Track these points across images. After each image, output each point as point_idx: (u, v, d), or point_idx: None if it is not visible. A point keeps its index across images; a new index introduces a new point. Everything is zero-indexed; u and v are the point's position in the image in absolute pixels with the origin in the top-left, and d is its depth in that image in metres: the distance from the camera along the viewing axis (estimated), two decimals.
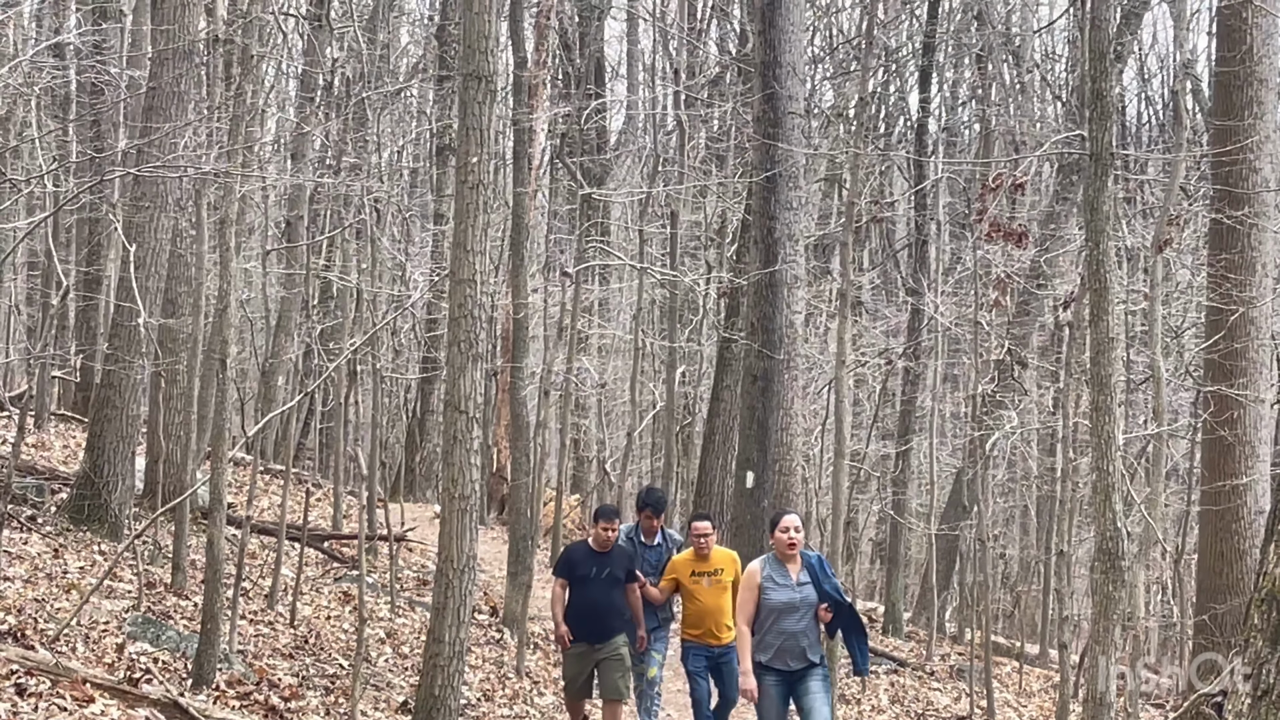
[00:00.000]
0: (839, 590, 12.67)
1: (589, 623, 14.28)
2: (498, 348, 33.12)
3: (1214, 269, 21.73)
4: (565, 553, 15.17)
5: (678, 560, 14.96)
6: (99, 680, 10.37)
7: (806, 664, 12.47)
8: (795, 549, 12.63)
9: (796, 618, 12.47)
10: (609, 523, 14.57)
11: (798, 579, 12.58)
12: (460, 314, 12.02)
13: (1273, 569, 6.30)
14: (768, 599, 12.50)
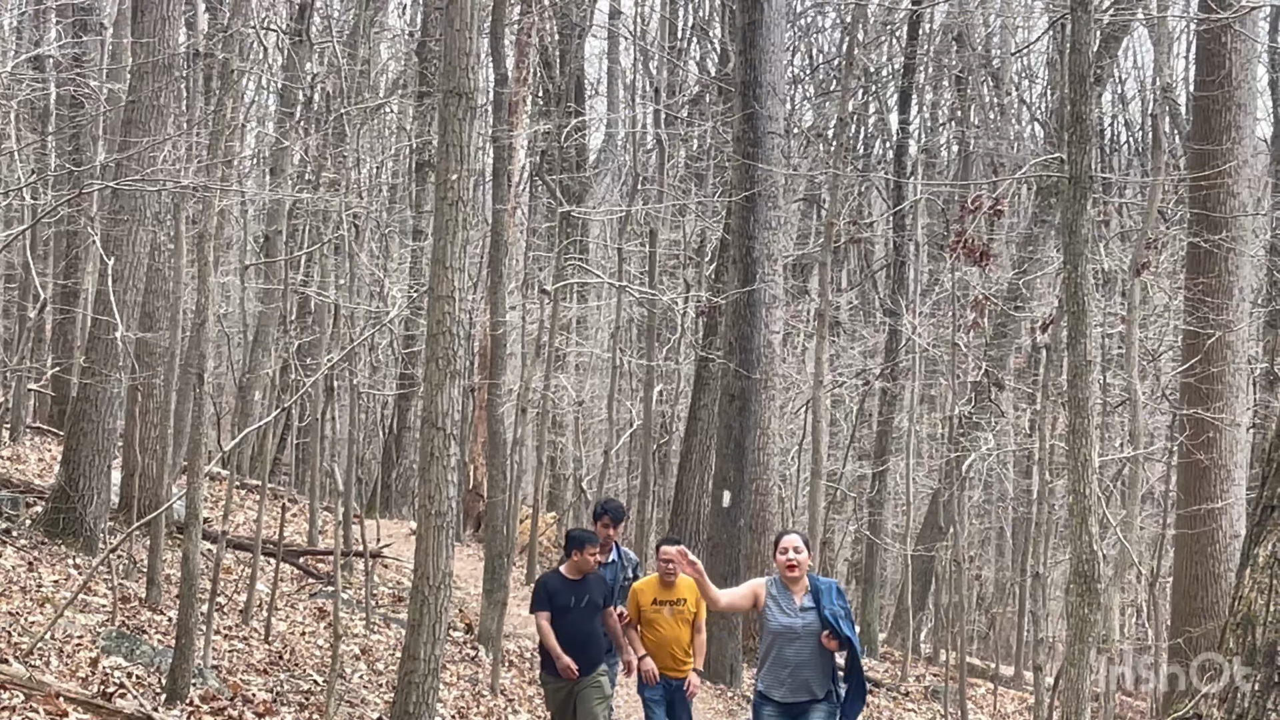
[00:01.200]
0: (839, 619, 11.47)
1: (574, 655, 13.48)
2: (475, 365, 33.14)
3: (1191, 293, 21.79)
4: (541, 585, 14.05)
5: (639, 587, 14.27)
6: (73, 695, 10.34)
7: (809, 697, 11.52)
8: (796, 571, 11.64)
9: (797, 646, 11.49)
10: (594, 547, 13.80)
11: (800, 604, 11.59)
12: (438, 330, 12.01)
13: (1248, 593, 6.32)
14: (767, 623, 11.68)
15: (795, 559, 11.61)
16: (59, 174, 26.28)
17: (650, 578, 14.34)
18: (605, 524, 14.55)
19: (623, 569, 14.66)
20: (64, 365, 25.99)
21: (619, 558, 14.74)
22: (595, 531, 14.45)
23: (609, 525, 14.56)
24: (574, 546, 13.71)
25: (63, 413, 25.93)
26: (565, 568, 13.79)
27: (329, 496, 29.40)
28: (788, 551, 11.67)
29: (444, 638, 12.29)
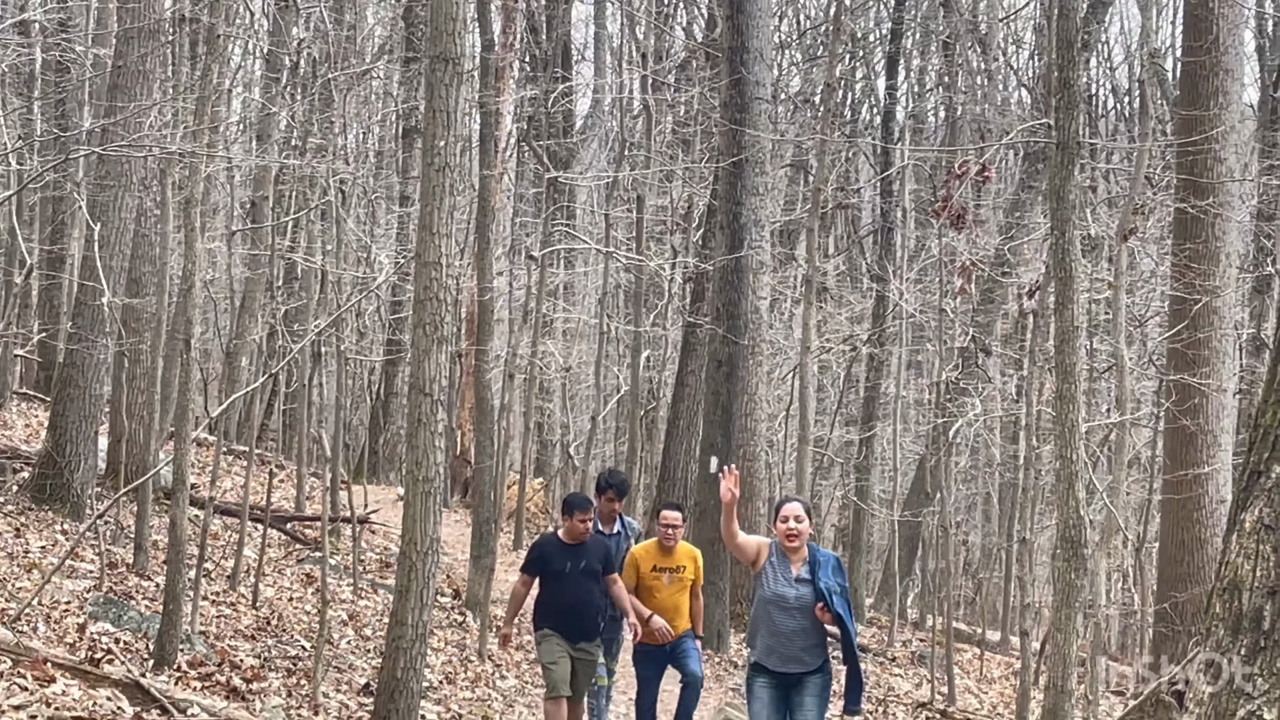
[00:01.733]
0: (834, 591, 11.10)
1: (567, 622, 13.31)
2: (462, 330, 33.10)
3: (1178, 258, 21.82)
4: (535, 546, 13.88)
5: (638, 552, 13.96)
6: (60, 660, 10.34)
7: (802, 669, 11.16)
8: (796, 541, 11.21)
9: (790, 617, 11.11)
10: (584, 514, 13.45)
11: (798, 574, 11.20)
12: (425, 296, 11.99)
13: (1234, 558, 6.32)
14: (762, 589, 11.26)
15: (796, 528, 11.17)
16: (45, 139, 26.21)
17: (649, 543, 14.10)
18: (609, 498, 14.23)
19: (627, 539, 14.30)
20: (50, 331, 25.92)
21: (623, 528, 14.41)
22: (599, 505, 14.19)
23: (613, 500, 14.23)
24: (565, 511, 13.53)
25: (49, 379, 25.89)
26: (562, 532, 13.59)
27: (316, 462, 29.39)
28: (788, 520, 11.22)
29: (431, 603, 12.29)
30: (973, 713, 22.20)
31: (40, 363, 30.94)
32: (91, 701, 9.59)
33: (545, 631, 13.44)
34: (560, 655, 13.32)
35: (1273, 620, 6.12)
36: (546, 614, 13.45)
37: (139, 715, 9.59)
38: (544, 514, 37.13)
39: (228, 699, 11.77)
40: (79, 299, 20.36)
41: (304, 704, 13.25)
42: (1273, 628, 6.12)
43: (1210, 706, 6.27)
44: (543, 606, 13.52)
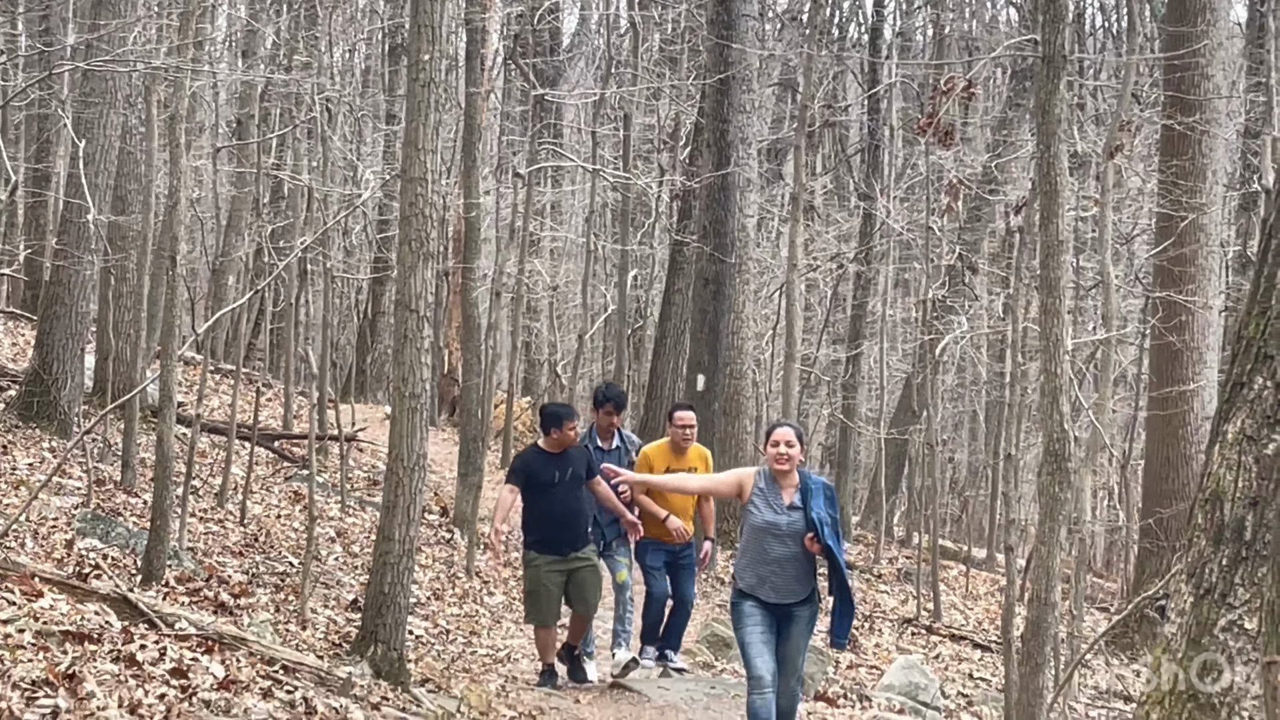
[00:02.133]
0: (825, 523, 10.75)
1: (559, 531, 13.30)
2: (450, 250, 33.07)
3: (1165, 175, 21.81)
4: (519, 459, 13.76)
5: (650, 453, 14.06)
6: (48, 575, 10.36)
7: (792, 599, 10.86)
8: (787, 465, 10.87)
9: (780, 546, 10.80)
10: (571, 421, 13.51)
11: (790, 502, 10.87)
12: (411, 212, 11.97)
13: (1216, 469, 6.35)
14: (750, 517, 10.92)
15: (787, 453, 10.85)
16: (29, 56, 26.08)
17: (661, 443, 14.17)
18: (608, 411, 14.24)
19: (626, 453, 14.24)
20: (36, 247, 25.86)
21: (622, 442, 14.40)
22: (597, 418, 14.32)
23: (611, 413, 14.25)
24: (552, 424, 13.44)
25: (35, 297, 25.85)
26: (544, 442, 13.50)
27: (304, 381, 29.39)
28: (779, 444, 10.90)
29: (419, 519, 12.33)
30: (958, 628, 22.34)
31: (26, 281, 30.89)
32: (79, 615, 9.62)
33: (531, 554, 13.47)
34: (541, 584, 13.38)
35: (1254, 530, 6.16)
36: (538, 527, 13.40)
37: (127, 629, 9.62)
38: (531, 433, 37.10)
39: (215, 614, 11.82)
40: (64, 217, 20.29)
41: (292, 619, 13.30)
42: (1254, 538, 6.16)
43: (1192, 616, 6.32)
44: (533, 520, 13.45)
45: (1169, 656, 6.39)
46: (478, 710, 12.08)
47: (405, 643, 12.20)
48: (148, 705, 8.06)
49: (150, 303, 18.52)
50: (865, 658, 18.68)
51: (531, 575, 13.49)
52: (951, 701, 16.69)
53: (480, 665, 14.66)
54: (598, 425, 14.33)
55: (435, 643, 15.04)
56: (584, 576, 13.41)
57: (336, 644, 12.67)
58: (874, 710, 14.85)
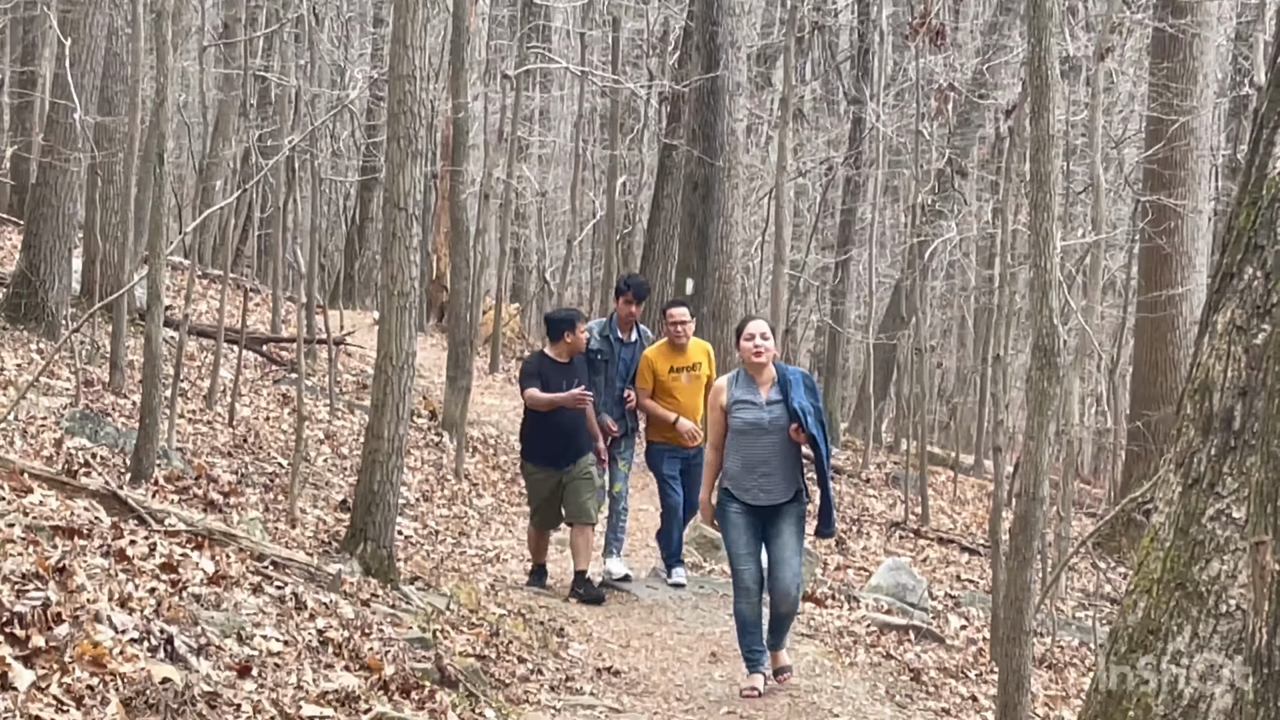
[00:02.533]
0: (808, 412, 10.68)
1: (558, 443, 13.34)
2: (438, 154, 32.96)
3: (1155, 78, 21.76)
4: (532, 364, 13.71)
5: (651, 354, 13.94)
6: (37, 472, 10.36)
7: (780, 499, 10.76)
8: (763, 357, 10.78)
9: (765, 443, 10.74)
10: (582, 325, 13.56)
11: (767, 397, 10.80)
12: (400, 110, 11.93)
13: (1206, 359, 6.35)
14: (735, 417, 10.81)
15: (761, 345, 10.76)
16: None
17: (660, 344, 14.09)
18: (628, 300, 14.01)
19: (642, 349, 14.10)
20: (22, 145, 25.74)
21: (639, 336, 14.24)
22: (617, 307, 14.16)
23: (631, 302, 14.01)
24: (564, 328, 13.43)
25: (22, 201, 25.74)
26: (551, 350, 13.53)
27: (291, 286, 29.34)
28: (754, 338, 10.79)
29: (407, 418, 12.33)
30: (945, 532, 22.44)
31: (13, 185, 30.76)
32: (69, 511, 9.63)
33: (530, 467, 13.68)
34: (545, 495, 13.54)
35: (1243, 420, 6.17)
36: (540, 437, 13.42)
37: (117, 525, 9.63)
38: (520, 339, 37.18)
39: (205, 511, 11.83)
40: (51, 117, 20.21)
41: (281, 518, 13.32)
42: (1243, 427, 6.16)
43: (1180, 506, 6.33)
44: (535, 430, 13.47)
45: (1157, 546, 6.40)
46: (467, 608, 12.13)
47: (394, 541, 12.24)
48: (138, 599, 8.07)
49: (137, 205, 18.46)
50: (853, 560, 18.77)
51: (532, 486, 13.75)
52: (939, 603, 16.77)
53: (469, 565, 14.72)
54: (618, 315, 14.15)
55: (424, 543, 15.09)
56: (579, 483, 13.39)
57: (325, 543, 12.70)
58: (862, 611, 14.92)
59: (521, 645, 11.36)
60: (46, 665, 6.63)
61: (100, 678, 6.68)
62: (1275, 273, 6.12)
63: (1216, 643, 6.13)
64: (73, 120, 17.74)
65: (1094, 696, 6.54)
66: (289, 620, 9.01)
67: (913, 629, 14.56)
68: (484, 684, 9.58)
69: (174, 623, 7.81)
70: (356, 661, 8.76)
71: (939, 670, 13.20)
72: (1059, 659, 14.85)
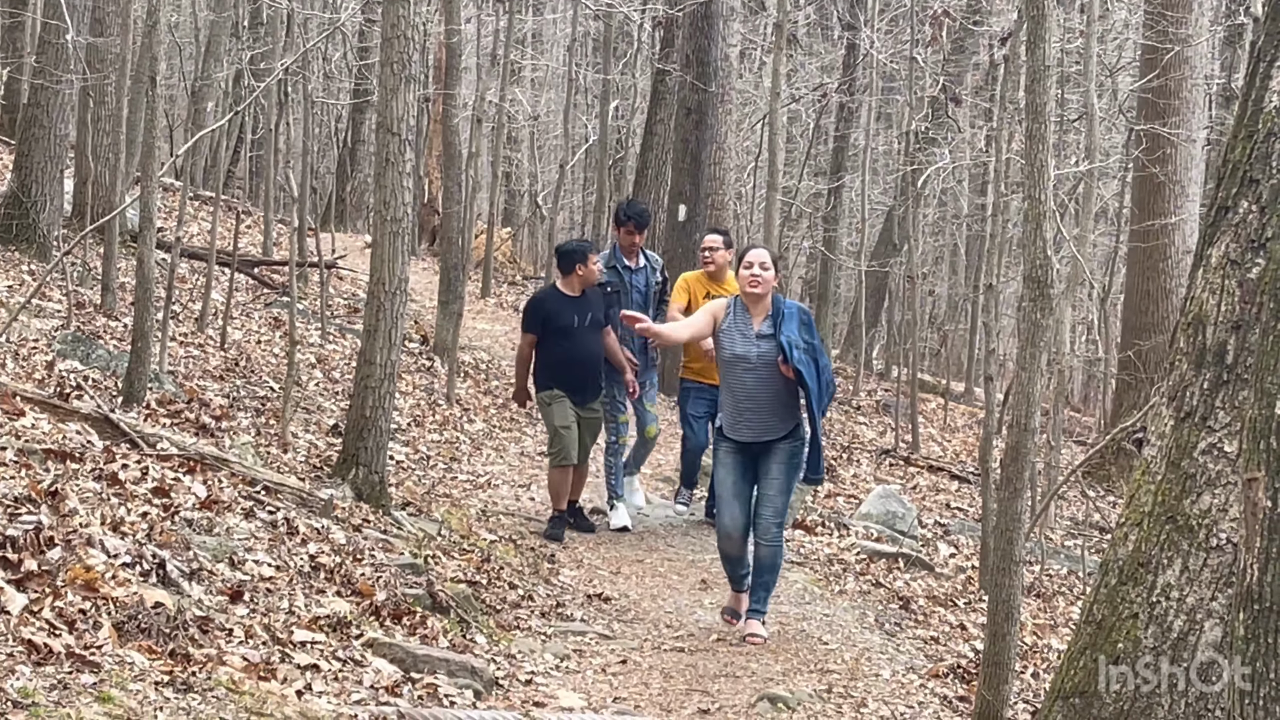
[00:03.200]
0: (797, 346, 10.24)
1: (579, 378, 13.03)
2: (430, 77, 32.83)
3: (1151, 6, 21.68)
4: (535, 303, 13.40)
5: (690, 278, 13.52)
6: (29, 394, 10.37)
7: (772, 436, 10.42)
8: (760, 288, 10.38)
9: (754, 378, 10.37)
10: (593, 256, 13.19)
11: (759, 330, 10.40)
12: (393, 34, 11.89)
13: (1199, 293, 6.36)
14: (722, 350, 10.51)
15: (760, 275, 10.37)
16: None
17: (698, 271, 13.68)
18: (629, 231, 13.68)
19: (653, 273, 13.81)
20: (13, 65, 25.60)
21: (647, 262, 13.84)
22: (618, 237, 13.85)
23: (632, 232, 13.69)
24: (576, 260, 13.06)
25: (14, 121, 25.61)
26: (562, 284, 13.17)
27: (283, 210, 29.29)
28: (753, 266, 10.40)
29: (400, 344, 12.35)
30: (935, 460, 22.48)
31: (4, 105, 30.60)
32: (61, 434, 9.65)
33: (555, 392, 13.06)
34: (571, 420, 13.04)
35: (1236, 354, 6.18)
36: (554, 373, 13.07)
37: (109, 448, 9.65)
38: (511, 263, 37.17)
39: (197, 435, 11.85)
40: (42, 38, 20.09)
41: (272, 443, 13.34)
42: (1235, 361, 6.18)
43: (1172, 439, 6.35)
44: (549, 366, 13.12)
45: (1148, 479, 6.43)
46: (458, 533, 12.18)
47: (386, 467, 12.28)
48: (130, 523, 8.10)
49: (129, 126, 18.37)
50: (843, 487, 18.79)
51: (559, 410, 13.06)
52: (928, 530, 16.82)
53: (460, 490, 14.75)
54: (620, 245, 13.86)
55: (416, 468, 15.12)
56: (585, 427, 13.22)
57: (317, 468, 12.72)
58: (851, 538, 14.97)
59: (512, 571, 11.41)
60: (39, 589, 6.66)
61: (92, 602, 6.71)
62: (1270, 207, 6.13)
63: (1207, 576, 6.17)
64: (65, 41, 17.66)
65: (1083, 628, 6.57)
66: (280, 545, 9.04)
67: (902, 557, 14.61)
68: (475, 610, 9.63)
69: (166, 547, 7.84)
70: (348, 587, 8.80)
71: (928, 598, 13.26)
72: (1047, 587, 14.90)
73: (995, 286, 18.10)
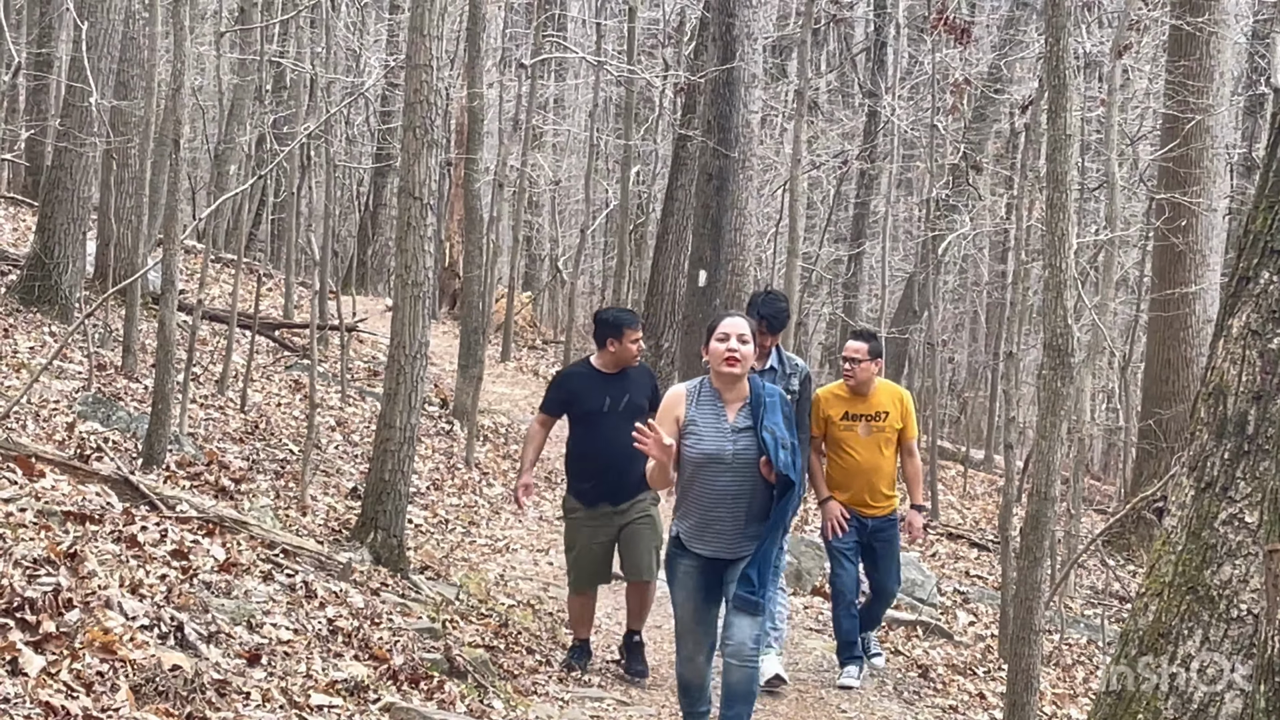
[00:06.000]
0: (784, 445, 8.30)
1: (606, 475, 10.53)
2: (453, 141, 32.96)
3: (1172, 75, 21.71)
4: (562, 379, 11.25)
5: (824, 395, 11.28)
6: (50, 456, 10.39)
7: (744, 553, 8.34)
8: (737, 368, 8.27)
9: (725, 479, 8.29)
10: (633, 332, 10.72)
11: (734, 421, 8.34)
12: (416, 99, 11.95)
13: (1220, 363, 6.35)
14: (688, 449, 8.32)
15: (738, 350, 8.24)
16: None
17: (836, 384, 11.49)
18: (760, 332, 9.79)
19: (785, 378, 10.73)
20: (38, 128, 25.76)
21: (780, 364, 10.78)
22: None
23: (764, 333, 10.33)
24: (609, 333, 10.71)
25: (37, 183, 25.78)
26: (596, 359, 10.87)
27: (304, 272, 29.38)
28: (728, 339, 8.26)
29: (419, 408, 12.36)
30: (955, 527, 22.42)
31: (28, 166, 30.79)
32: (81, 496, 9.65)
33: (571, 502, 10.88)
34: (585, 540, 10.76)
35: (1257, 425, 6.17)
36: (576, 468, 10.92)
37: (128, 510, 9.64)
38: (531, 327, 37.21)
39: (216, 498, 11.86)
40: (67, 100, 20.24)
41: (292, 505, 13.35)
42: (1257, 432, 6.16)
43: (1193, 509, 6.33)
44: (571, 459, 10.98)
45: (1169, 549, 6.40)
46: (476, 598, 12.15)
47: (405, 530, 12.27)
48: (149, 585, 8.09)
49: (152, 189, 18.46)
50: None
51: (570, 529, 10.93)
52: (947, 598, 16.76)
53: (479, 554, 14.74)
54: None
55: (434, 532, 15.11)
56: (638, 530, 10.68)
57: (336, 530, 12.72)
58: None
59: (530, 636, 11.38)
60: (57, 651, 6.65)
61: (110, 664, 6.70)
62: None
63: (1227, 647, 6.14)
64: (89, 104, 17.75)
65: (1103, 698, 6.54)
66: (299, 609, 9.02)
67: (921, 624, 14.56)
68: (492, 675, 9.60)
69: (184, 610, 7.83)
70: (366, 651, 8.77)
71: (947, 667, 13.21)
72: (1067, 657, 14.84)
73: (1015, 354, 18.10)
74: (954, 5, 19.90)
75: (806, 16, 23.22)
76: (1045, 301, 8.67)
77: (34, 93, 26.95)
